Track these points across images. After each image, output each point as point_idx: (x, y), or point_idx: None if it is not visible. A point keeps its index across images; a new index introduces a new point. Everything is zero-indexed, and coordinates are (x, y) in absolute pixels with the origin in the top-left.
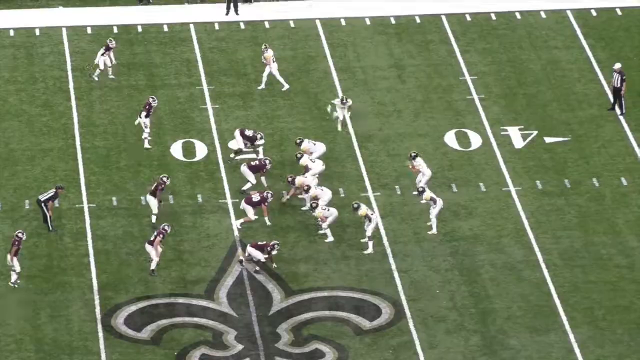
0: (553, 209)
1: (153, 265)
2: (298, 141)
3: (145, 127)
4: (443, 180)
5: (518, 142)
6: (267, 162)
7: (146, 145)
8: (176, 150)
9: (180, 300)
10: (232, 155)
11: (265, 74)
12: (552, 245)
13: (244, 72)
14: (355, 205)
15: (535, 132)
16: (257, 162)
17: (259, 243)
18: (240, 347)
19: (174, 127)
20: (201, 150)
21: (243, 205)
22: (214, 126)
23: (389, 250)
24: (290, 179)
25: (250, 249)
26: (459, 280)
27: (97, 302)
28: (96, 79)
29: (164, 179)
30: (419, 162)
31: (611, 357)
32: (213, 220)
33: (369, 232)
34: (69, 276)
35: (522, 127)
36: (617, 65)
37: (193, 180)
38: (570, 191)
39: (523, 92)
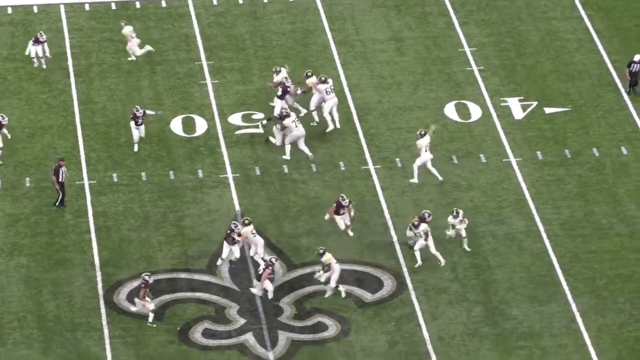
0: (553, 179)
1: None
2: (309, 74)
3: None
4: (443, 152)
5: (518, 113)
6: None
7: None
8: (176, 125)
9: (182, 275)
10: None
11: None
12: (552, 216)
13: (243, 47)
14: (321, 251)
15: (535, 103)
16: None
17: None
18: (242, 321)
19: (173, 102)
20: (201, 125)
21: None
22: (213, 101)
23: (390, 223)
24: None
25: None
26: (460, 252)
27: (99, 278)
28: (44, 67)
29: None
30: (421, 142)
31: (613, 326)
32: (214, 195)
33: (332, 283)
34: (71, 253)
35: (522, 98)
36: (638, 57)
37: (193, 156)
38: (570, 161)
39: (522, 63)
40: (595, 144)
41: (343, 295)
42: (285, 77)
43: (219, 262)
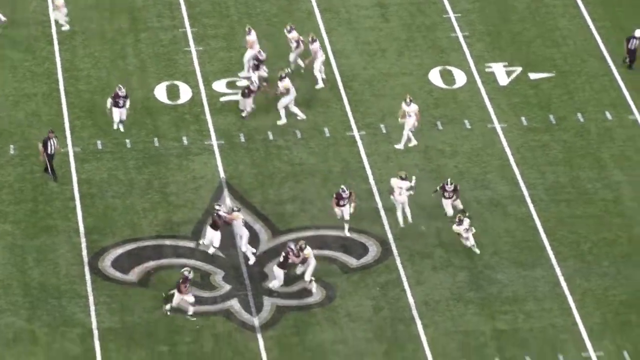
0: (538, 144)
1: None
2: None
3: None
4: (429, 118)
5: (503, 79)
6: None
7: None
8: (160, 93)
9: (167, 242)
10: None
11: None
12: (537, 181)
13: (227, 13)
14: (303, 245)
15: (519, 69)
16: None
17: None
18: (228, 287)
19: (157, 70)
20: (185, 92)
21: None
22: (197, 68)
23: (375, 189)
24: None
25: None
26: (445, 218)
27: (83, 245)
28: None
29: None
30: (406, 108)
31: (597, 290)
32: (199, 162)
33: (307, 277)
34: (55, 220)
35: (507, 63)
36: (639, 32)
37: (178, 123)
38: (555, 127)
39: (507, 29)
40: (579, 109)
41: (314, 290)
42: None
43: (201, 241)
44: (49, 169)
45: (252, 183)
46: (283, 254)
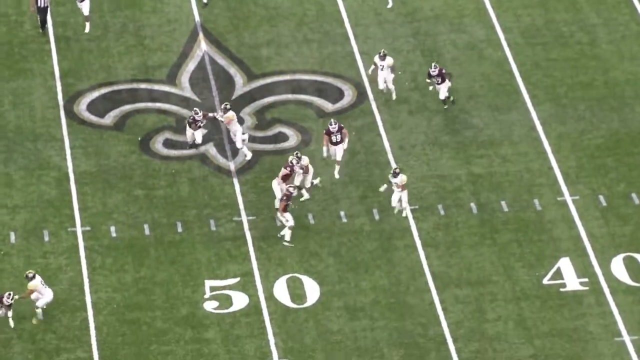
0: None
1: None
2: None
3: None
4: None
5: None
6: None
7: None
8: None
9: (143, 86)
10: None
11: None
12: (513, 24)
13: None
14: (299, 155)
15: None
16: None
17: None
18: (203, 131)
19: None
20: None
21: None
22: None
23: (350, 33)
24: None
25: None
26: (421, 61)
27: (59, 89)
28: None
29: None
30: None
31: (573, 134)
32: (173, 5)
33: (307, 183)
34: (31, 63)
35: None
36: None
37: None
38: None
39: None
40: None
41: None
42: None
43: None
44: (40, 21)
45: (227, 26)
46: (284, 169)
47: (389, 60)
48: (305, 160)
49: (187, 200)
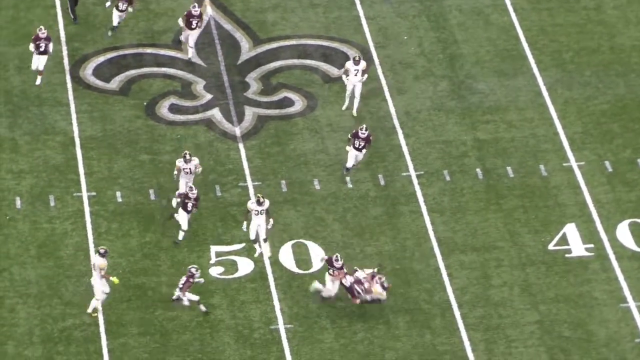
0: None
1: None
2: None
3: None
4: None
5: None
6: None
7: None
8: None
9: (148, 50)
10: None
11: None
12: None
13: None
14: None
15: None
16: None
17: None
18: (209, 96)
19: None
20: None
21: None
22: None
23: None
24: None
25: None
26: (427, 26)
27: (65, 53)
28: None
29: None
30: None
31: (579, 99)
32: None
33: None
34: (36, 27)
35: None
36: None
37: None
38: None
39: None
40: None
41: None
42: None
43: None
44: (70, 10)
45: None
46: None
47: (363, 65)
48: (195, 161)
49: None
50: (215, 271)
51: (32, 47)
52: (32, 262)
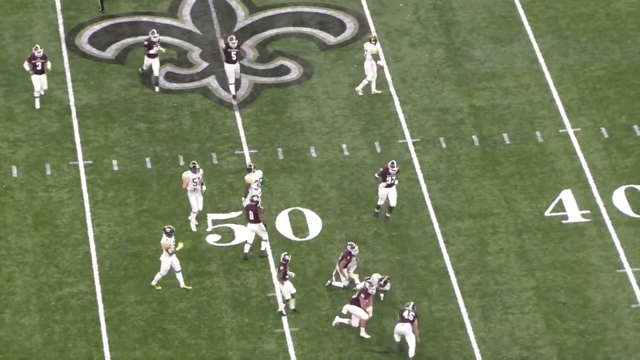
0: None
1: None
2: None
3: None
4: None
5: None
6: None
7: None
8: None
9: (144, 19)
10: None
11: None
12: None
13: None
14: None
15: None
16: None
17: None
18: (205, 64)
19: None
20: None
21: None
22: None
23: None
24: None
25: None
26: None
27: (60, 21)
28: None
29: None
30: None
31: (575, 66)
32: None
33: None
34: None
35: None
36: None
37: None
38: None
39: None
40: None
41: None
42: None
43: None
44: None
45: None
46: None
47: (378, 45)
48: (201, 171)
49: (189, 134)
50: (212, 239)
51: (27, 66)
52: (29, 231)
